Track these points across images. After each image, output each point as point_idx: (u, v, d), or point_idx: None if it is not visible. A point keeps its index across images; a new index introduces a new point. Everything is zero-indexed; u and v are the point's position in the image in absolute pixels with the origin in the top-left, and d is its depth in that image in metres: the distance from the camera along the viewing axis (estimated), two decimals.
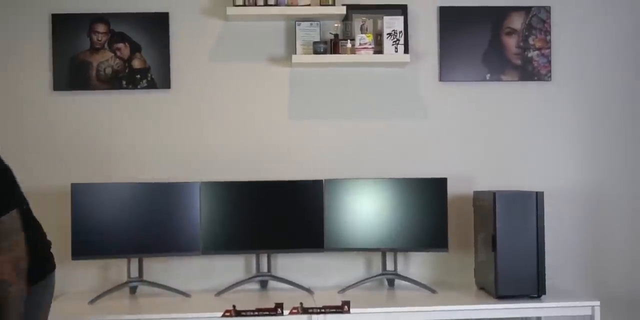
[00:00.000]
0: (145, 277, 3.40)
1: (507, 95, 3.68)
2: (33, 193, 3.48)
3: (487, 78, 3.66)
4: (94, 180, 3.40)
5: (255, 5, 3.47)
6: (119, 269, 3.49)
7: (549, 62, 3.66)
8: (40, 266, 2.43)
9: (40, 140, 3.54)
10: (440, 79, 3.66)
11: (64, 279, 3.47)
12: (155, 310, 3.06)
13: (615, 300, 3.64)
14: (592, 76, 3.70)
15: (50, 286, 2.54)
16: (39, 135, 3.54)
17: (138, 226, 3.34)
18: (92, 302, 3.20)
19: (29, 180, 3.49)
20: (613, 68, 3.71)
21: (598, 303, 3.09)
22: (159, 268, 3.52)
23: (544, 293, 3.13)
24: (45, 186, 3.50)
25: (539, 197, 3.15)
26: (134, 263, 3.37)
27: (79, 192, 3.30)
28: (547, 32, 3.66)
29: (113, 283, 3.44)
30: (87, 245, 3.29)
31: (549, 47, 3.66)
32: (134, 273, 3.37)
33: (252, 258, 3.52)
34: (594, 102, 3.70)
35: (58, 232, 3.40)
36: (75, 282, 3.51)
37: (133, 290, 3.41)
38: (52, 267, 2.54)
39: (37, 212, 3.48)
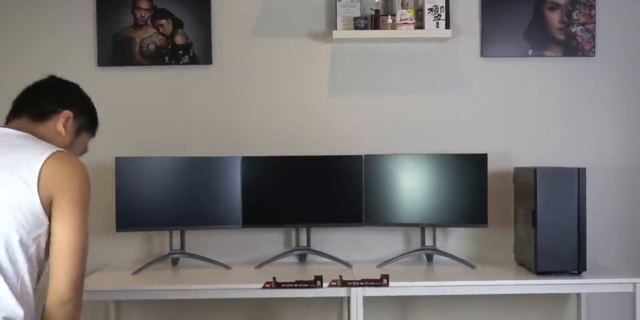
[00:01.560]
0: (186, 250, 3.45)
1: (550, 71, 3.64)
2: None
3: (530, 54, 3.62)
4: (137, 155, 3.45)
5: None
6: (161, 241, 3.55)
7: (593, 37, 3.61)
8: None
9: None
10: (482, 55, 3.63)
11: (108, 250, 3.57)
12: (197, 281, 3.11)
13: None
14: (638, 52, 3.64)
15: None
16: None
17: (180, 199, 3.39)
18: (135, 273, 3.26)
19: None
20: None
21: None
22: (200, 241, 3.57)
23: (585, 269, 3.10)
24: (89, 160, 3.53)
25: (581, 173, 3.11)
26: (176, 236, 3.43)
27: (122, 166, 3.35)
28: (592, 6, 3.60)
29: (155, 255, 3.51)
30: (130, 217, 3.35)
31: (594, 22, 3.60)
32: (176, 245, 3.43)
33: (292, 232, 3.56)
34: (638, 78, 3.64)
35: (102, 205, 3.50)
36: (119, 253, 3.58)
37: (175, 262, 3.47)
38: None
39: None
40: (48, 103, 2.09)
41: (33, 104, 2.08)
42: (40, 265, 1.94)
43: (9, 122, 2.08)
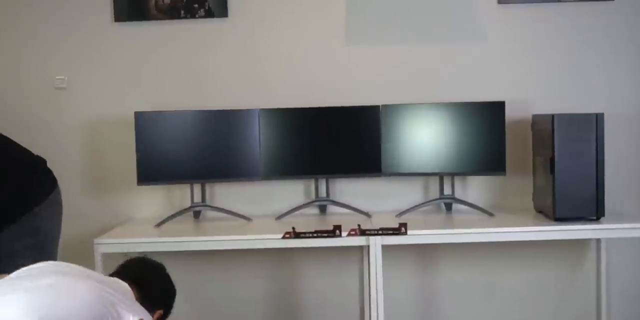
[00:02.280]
0: (208, 202, 3.50)
1: (568, 17, 3.58)
2: (98, 122, 3.63)
3: None
4: (156, 109, 3.48)
5: None
6: (183, 194, 3.59)
7: None
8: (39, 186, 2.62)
9: (104, 71, 3.62)
10: (499, 1, 3.58)
11: (130, 204, 3.63)
12: (218, 233, 3.16)
13: None
14: None
15: (57, 203, 2.70)
16: (102, 66, 3.62)
17: (200, 152, 3.42)
18: (158, 225, 3.33)
19: (94, 110, 3.63)
20: None
21: None
22: (221, 193, 3.62)
23: (603, 215, 3.11)
24: (109, 115, 3.60)
25: (599, 118, 3.10)
26: (197, 189, 3.48)
27: (142, 120, 3.38)
28: None
29: (177, 208, 3.55)
30: (151, 171, 3.39)
31: None
32: (197, 198, 3.47)
33: (311, 183, 3.58)
34: None
35: (123, 160, 3.55)
36: (141, 207, 3.64)
37: (197, 214, 3.52)
38: (53, 182, 2.71)
39: (103, 140, 3.64)
40: (154, 296, 2.17)
41: (142, 286, 2.14)
42: None
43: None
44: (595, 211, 3.11)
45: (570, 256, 3.65)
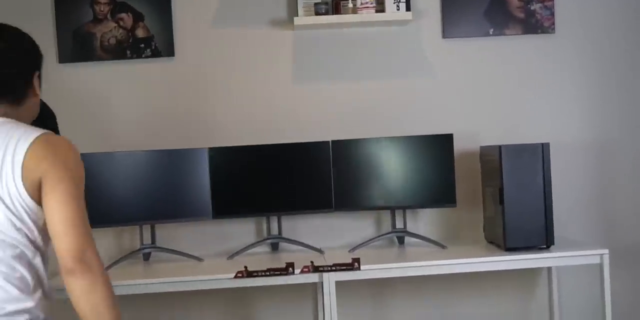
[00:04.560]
0: (157, 244, 3.44)
1: (511, 50, 3.65)
2: None
3: (491, 33, 3.63)
4: (103, 150, 3.43)
5: None
6: (131, 236, 3.54)
7: (552, 14, 3.62)
8: None
9: None
10: (444, 36, 3.64)
11: None
12: (169, 274, 3.10)
13: (623, 248, 3.64)
14: (597, 27, 3.67)
15: None
16: None
17: (148, 193, 3.37)
18: (106, 269, 3.23)
19: None
20: (618, 18, 3.67)
21: (607, 251, 3.09)
22: (171, 234, 3.56)
23: (553, 244, 3.14)
24: None
25: (544, 148, 3.14)
26: (147, 230, 3.42)
27: (88, 162, 3.29)
28: None
29: (126, 251, 3.49)
30: (98, 213, 3.28)
31: None
32: (147, 240, 3.42)
33: (263, 221, 3.56)
34: (598, 53, 3.67)
35: None
36: None
37: (146, 256, 3.45)
38: None
39: None
40: (18, 79, 1.89)
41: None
42: None
43: None
44: (545, 240, 3.14)
45: (522, 285, 3.67)
